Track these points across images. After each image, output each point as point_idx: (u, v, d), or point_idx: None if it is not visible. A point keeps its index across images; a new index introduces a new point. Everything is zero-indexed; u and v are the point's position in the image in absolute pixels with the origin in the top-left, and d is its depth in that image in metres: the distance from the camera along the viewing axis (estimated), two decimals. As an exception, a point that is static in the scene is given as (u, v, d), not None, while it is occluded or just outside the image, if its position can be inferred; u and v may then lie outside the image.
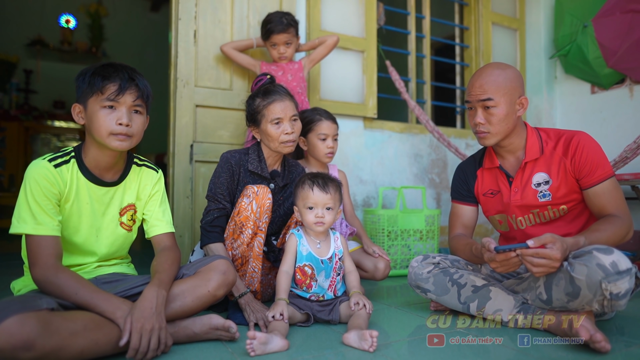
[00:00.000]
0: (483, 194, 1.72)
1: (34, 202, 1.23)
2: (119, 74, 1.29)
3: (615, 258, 1.22)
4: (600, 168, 1.48)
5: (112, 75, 1.28)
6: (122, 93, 1.28)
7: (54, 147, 5.99)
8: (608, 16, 3.15)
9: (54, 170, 1.28)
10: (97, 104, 1.28)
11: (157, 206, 1.50)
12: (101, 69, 1.30)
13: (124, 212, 1.44)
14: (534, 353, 1.24)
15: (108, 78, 1.28)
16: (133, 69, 1.35)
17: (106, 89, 1.27)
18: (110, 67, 1.31)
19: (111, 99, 1.27)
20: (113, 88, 1.27)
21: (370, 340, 1.23)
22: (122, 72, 1.30)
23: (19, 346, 0.96)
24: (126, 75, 1.30)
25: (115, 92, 1.27)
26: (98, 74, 1.28)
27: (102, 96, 1.27)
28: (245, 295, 1.57)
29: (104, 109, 1.28)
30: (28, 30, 5.72)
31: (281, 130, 1.74)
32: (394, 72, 3.19)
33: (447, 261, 1.68)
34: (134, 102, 1.31)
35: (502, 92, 1.51)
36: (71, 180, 1.32)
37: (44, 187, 1.24)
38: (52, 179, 1.26)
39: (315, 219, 1.55)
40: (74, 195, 1.32)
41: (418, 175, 3.35)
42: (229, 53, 2.49)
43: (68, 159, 1.33)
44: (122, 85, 1.28)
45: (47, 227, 1.23)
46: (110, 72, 1.29)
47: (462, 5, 3.83)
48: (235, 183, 1.77)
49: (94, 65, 1.32)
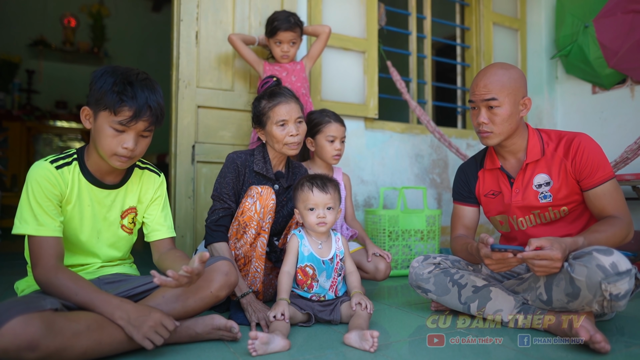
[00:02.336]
0: (484, 194, 1.72)
1: (35, 203, 1.23)
2: (136, 98, 1.23)
3: (615, 259, 1.23)
4: (600, 170, 1.48)
5: (130, 99, 1.23)
6: (136, 120, 1.24)
7: (56, 147, 6.01)
8: (609, 16, 3.15)
9: (55, 171, 1.28)
10: (107, 121, 1.24)
11: (159, 211, 1.50)
12: (120, 86, 1.23)
13: (125, 215, 1.44)
14: (534, 353, 1.25)
15: (125, 101, 1.22)
16: (152, 87, 1.29)
17: (120, 113, 1.22)
18: (129, 86, 1.24)
19: (123, 124, 1.24)
20: (127, 114, 1.23)
21: (371, 340, 1.24)
22: (140, 95, 1.24)
23: (24, 346, 0.97)
24: (144, 99, 1.24)
25: (128, 118, 1.23)
26: (116, 91, 1.22)
27: (115, 117, 1.23)
28: (247, 295, 1.58)
29: (113, 129, 1.25)
30: (30, 31, 5.73)
31: (286, 132, 1.76)
32: (395, 73, 3.19)
33: (447, 261, 1.68)
34: (144, 129, 1.28)
35: (506, 92, 1.52)
36: (72, 182, 1.32)
37: (45, 188, 1.25)
38: (53, 181, 1.27)
39: (317, 219, 1.56)
40: (75, 197, 1.33)
41: (419, 175, 3.35)
42: (236, 43, 2.46)
43: (70, 160, 1.33)
44: (137, 112, 1.23)
45: (49, 228, 1.24)
46: (128, 93, 1.23)
47: (463, 6, 3.83)
48: (241, 183, 1.78)
49: (112, 71, 1.26)
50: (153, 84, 1.30)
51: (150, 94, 1.27)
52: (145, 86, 1.27)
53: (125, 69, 1.28)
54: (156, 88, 1.30)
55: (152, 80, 1.31)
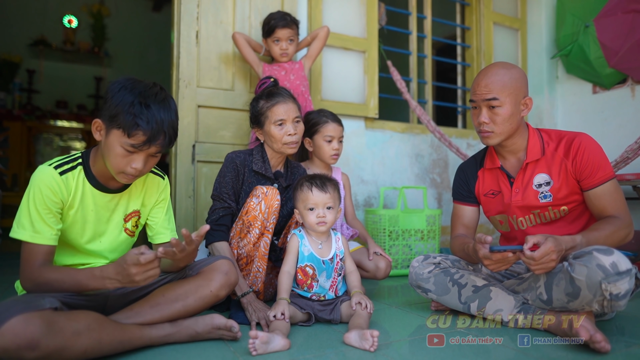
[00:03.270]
0: (484, 194, 1.72)
1: (34, 210, 1.23)
2: (152, 122, 1.19)
3: (615, 259, 1.23)
4: (601, 170, 1.48)
5: (145, 123, 1.19)
6: (149, 145, 1.22)
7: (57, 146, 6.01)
8: (610, 16, 3.15)
9: (59, 178, 1.26)
10: (119, 141, 1.21)
11: (163, 214, 1.50)
12: (137, 108, 1.18)
13: (129, 218, 1.43)
14: (534, 353, 1.25)
15: (139, 125, 1.18)
16: (169, 107, 1.25)
17: (134, 136, 1.19)
18: (146, 108, 1.19)
19: (135, 147, 1.21)
20: (141, 138, 1.20)
21: (371, 339, 1.24)
22: (156, 119, 1.20)
23: (24, 346, 0.97)
24: (160, 123, 1.21)
25: (141, 143, 1.20)
26: (132, 113, 1.18)
27: (127, 140, 1.20)
28: (247, 295, 1.58)
29: (124, 150, 1.22)
30: (31, 31, 5.73)
31: (284, 131, 1.77)
32: (395, 72, 3.19)
33: (447, 261, 1.68)
34: (156, 152, 1.26)
35: (508, 91, 1.52)
36: (76, 187, 1.30)
37: (46, 196, 1.23)
38: (56, 188, 1.25)
39: (317, 219, 1.56)
40: (78, 202, 1.31)
41: (419, 175, 3.35)
42: (239, 42, 2.46)
43: (75, 165, 1.32)
44: (151, 137, 1.20)
45: (44, 237, 1.23)
46: (144, 116, 1.19)
47: (464, 5, 3.83)
48: (240, 183, 1.78)
49: (131, 88, 1.21)
50: (170, 104, 1.27)
51: (166, 116, 1.23)
52: (162, 108, 1.23)
53: (144, 86, 1.24)
54: (172, 108, 1.27)
55: (169, 99, 1.28)
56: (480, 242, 1.36)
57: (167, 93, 1.29)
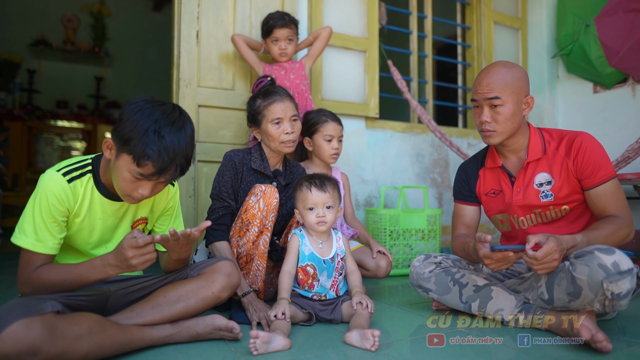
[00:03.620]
0: (485, 193, 1.72)
1: (39, 217, 1.20)
2: (164, 155, 1.14)
3: (617, 258, 1.23)
4: (602, 169, 1.48)
5: (157, 156, 1.13)
6: (158, 177, 1.17)
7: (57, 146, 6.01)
8: (610, 15, 3.14)
9: (66, 185, 1.23)
10: (128, 167, 1.16)
11: (172, 221, 1.48)
12: (151, 137, 1.12)
13: (136, 225, 1.42)
14: (535, 352, 1.24)
15: (150, 157, 1.13)
16: (185, 136, 1.18)
17: (143, 166, 1.14)
18: (160, 139, 1.13)
19: (144, 176, 1.17)
20: (150, 170, 1.15)
21: (372, 339, 1.24)
22: (169, 152, 1.14)
23: (25, 351, 0.96)
24: (172, 156, 1.15)
25: (150, 174, 1.16)
26: (144, 143, 1.12)
27: (136, 168, 1.15)
28: (248, 295, 1.58)
29: (132, 176, 1.18)
30: (31, 30, 5.74)
31: (281, 130, 1.77)
32: (395, 72, 3.19)
33: (448, 261, 1.68)
34: (165, 181, 1.22)
35: (510, 90, 1.52)
36: (84, 195, 1.27)
37: (52, 205, 1.21)
38: (62, 197, 1.22)
39: (317, 218, 1.56)
40: (85, 210, 1.28)
41: (420, 174, 3.35)
42: (239, 44, 2.47)
43: (85, 172, 1.28)
44: (160, 170, 1.16)
45: (46, 246, 1.21)
46: (155, 147, 1.12)
47: (464, 5, 3.82)
48: (239, 181, 1.78)
49: (149, 113, 1.15)
50: (186, 132, 1.20)
51: (180, 147, 1.17)
52: (177, 137, 1.17)
53: (162, 112, 1.17)
54: (188, 137, 1.20)
55: (186, 126, 1.20)
56: (480, 241, 1.36)
57: (186, 118, 1.22)
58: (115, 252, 1.15)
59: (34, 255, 1.21)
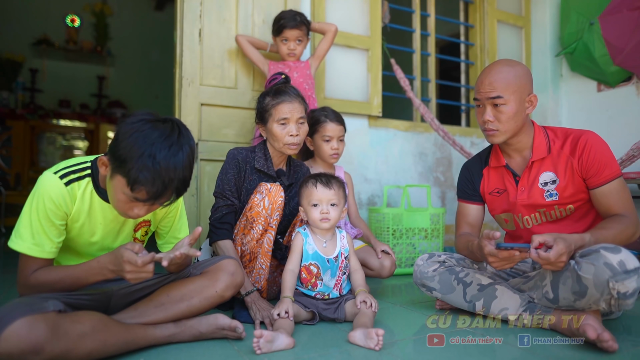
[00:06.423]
0: (489, 192, 1.71)
1: (36, 221, 1.18)
2: (157, 183, 1.09)
3: (623, 257, 1.22)
4: (607, 168, 1.47)
5: (150, 184, 1.09)
6: (152, 202, 1.14)
7: (60, 145, 6.02)
8: (615, 14, 3.13)
9: (64, 189, 1.20)
10: (122, 189, 1.12)
11: (175, 223, 1.46)
12: (146, 161, 1.07)
13: (139, 228, 1.40)
14: (540, 352, 1.24)
15: (143, 183, 1.08)
16: (183, 160, 1.12)
17: (137, 191, 1.10)
18: (154, 165, 1.07)
19: (137, 200, 1.13)
20: (144, 196, 1.11)
21: (376, 338, 1.23)
22: (163, 178, 1.09)
23: (28, 350, 0.95)
24: (167, 181, 1.10)
25: (143, 199, 1.12)
26: (138, 168, 1.07)
27: (129, 192, 1.11)
28: (251, 294, 1.57)
29: (126, 197, 1.14)
30: (33, 30, 5.75)
31: (286, 131, 1.75)
32: (398, 71, 3.18)
33: (452, 260, 1.67)
34: (160, 204, 1.18)
35: (512, 89, 1.50)
36: (82, 199, 1.24)
37: (49, 209, 1.18)
38: (60, 201, 1.19)
39: (321, 215, 1.55)
40: (85, 215, 1.26)
41: (423, 173, 3.34)
42: (243, 44, 2.47)
43: (83, 175, 1.25)
44: (153, 196, 1.11)
45: (43, 250, 1.19)
46: (149, 174, 1.07)
47: (467, 3, 3.81)
48: (242, 180, 1.77)
49: (146, 134, 1.09)
50: (184, 154, 1.13)
51: (176, 172, 1.11)
52: (174, 162, 1.10)
53: (159, 134, 1.10)
54: (186, 159, 1.13)
55: (185, 147, 1.13)
56: (488, 237, 1.35)
57: (185, 139, 1.15)
58: (113, 257, 1.14)
59: (31, 259, 1.19)
